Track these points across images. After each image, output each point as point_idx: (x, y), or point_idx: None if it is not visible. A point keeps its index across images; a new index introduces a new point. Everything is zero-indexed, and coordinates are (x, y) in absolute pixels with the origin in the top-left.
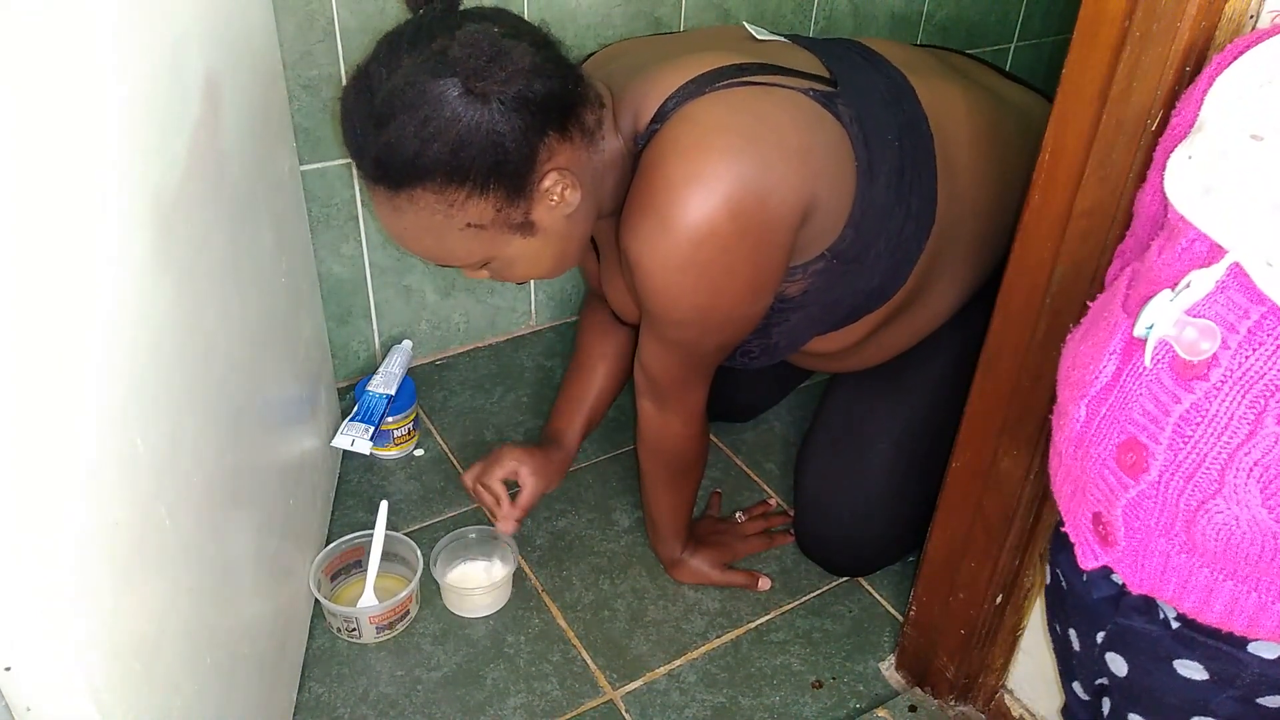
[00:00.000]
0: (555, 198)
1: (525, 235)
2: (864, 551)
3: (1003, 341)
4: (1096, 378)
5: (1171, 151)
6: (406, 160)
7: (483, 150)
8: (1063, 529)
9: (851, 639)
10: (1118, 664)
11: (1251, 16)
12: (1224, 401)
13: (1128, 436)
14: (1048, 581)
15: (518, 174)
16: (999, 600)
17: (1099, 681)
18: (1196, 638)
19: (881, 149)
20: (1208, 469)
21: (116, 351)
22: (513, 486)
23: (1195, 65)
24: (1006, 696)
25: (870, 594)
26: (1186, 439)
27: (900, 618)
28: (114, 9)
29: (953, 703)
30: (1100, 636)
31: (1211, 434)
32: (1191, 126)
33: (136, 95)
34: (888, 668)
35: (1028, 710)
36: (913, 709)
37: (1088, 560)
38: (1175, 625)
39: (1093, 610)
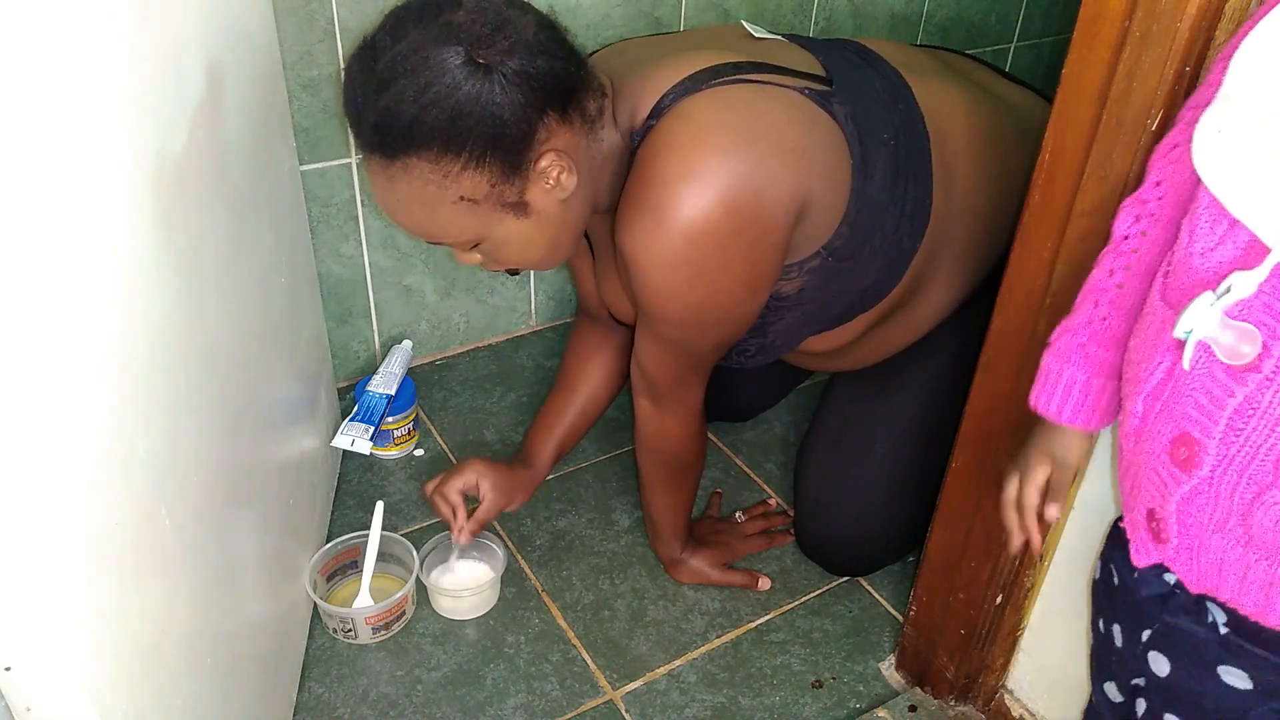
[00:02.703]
0: (551, 180)
1: (519, 216)
2: (864, 551)
3: (1003, 341)
4: (1151, 374)
5: (1201, 111)
6: (404, 126)
7: (480, 121)
8: (1120, 524)
9: (851, 639)
10: (1160, 664)
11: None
12: (1278, 392)
13: (1180, 431)
14: (1097, 576)
15: (514, 149)
16: (999, 600)
17: (1135, 682)
18: (1245, 646)
19: (876, 147)
20: (1262, 461)
21: (117, 352)
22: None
23: (1195, 65)
24: (1006, 696)
25: (870, 594)
26: (1239, 432)
27: (900, 618)
28: (113, 9)
29: (953, 703)
30: (1145, 635)
31: (1265, 426)
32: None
33: (136, 95)
34: (888, 668)
35: (1028, 710)
36: (913, 709)
37: (1140, 557)
38: (1224, 631)
39: (1140, 607)
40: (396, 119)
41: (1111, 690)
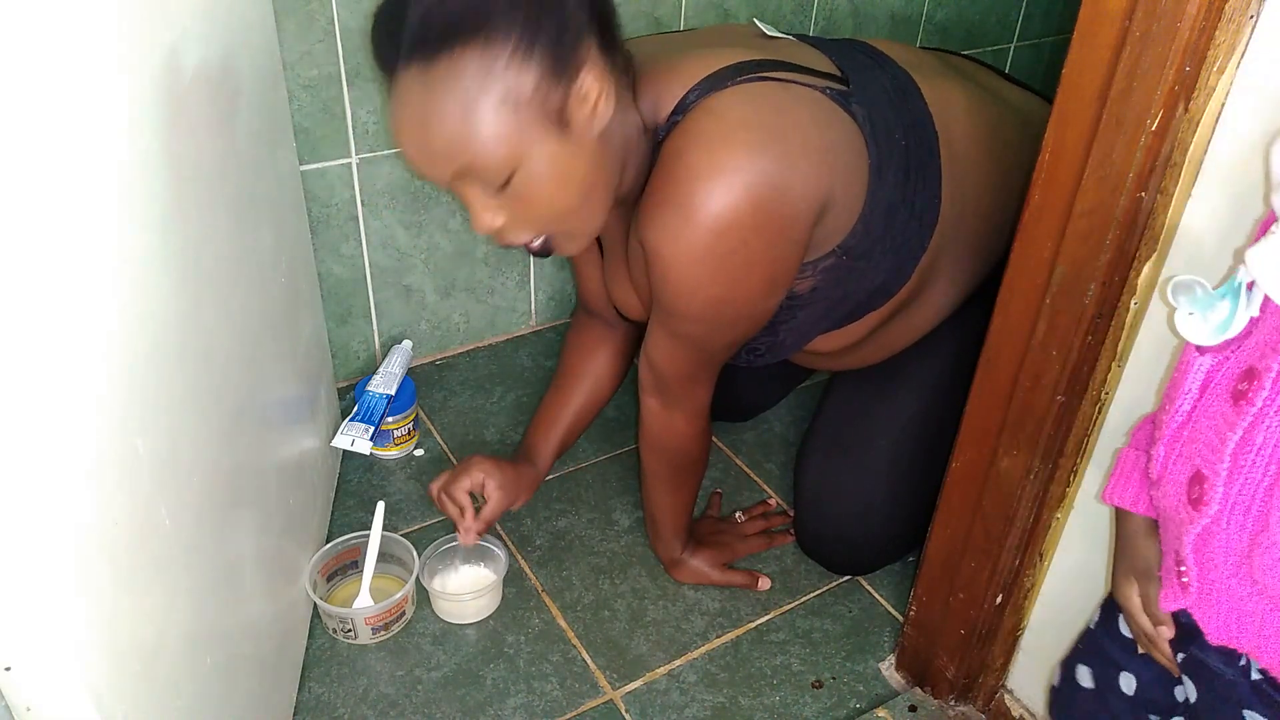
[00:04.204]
0: (592, 98)
1: (560, 132)
2: (864, 551)
3: (1002, 341)
4: (1174, 417)
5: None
6: (453, 11)
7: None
8: None
9: (851, 639)
10: (1187, 689)
11: (1252, 16)
12: (1269, 428)
13: (1195, 470)
14: None
15: (560, 41)
16: (999, 600)
17: (1175, 688)
18: (1275, 696)
19: (890, 148)
20: (1263, 501)
21: (117, 352)
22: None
23: (1195, 65)
24: (1006, 696)
25: (870, 594)
26: (1241, 469)
27: (900, 618)
28: (114, 9)
29: (953, 703)
30: (1179, 657)
31: (1260, 463)
32: None
33: (136, 95)
34: (888, 668)
35: (1027, 710)
36: (913, 709)
37: (1167, 601)
38: (1256, 677)
39: (1179, 630)
40: (446, 6)
41: (1084, 676)
